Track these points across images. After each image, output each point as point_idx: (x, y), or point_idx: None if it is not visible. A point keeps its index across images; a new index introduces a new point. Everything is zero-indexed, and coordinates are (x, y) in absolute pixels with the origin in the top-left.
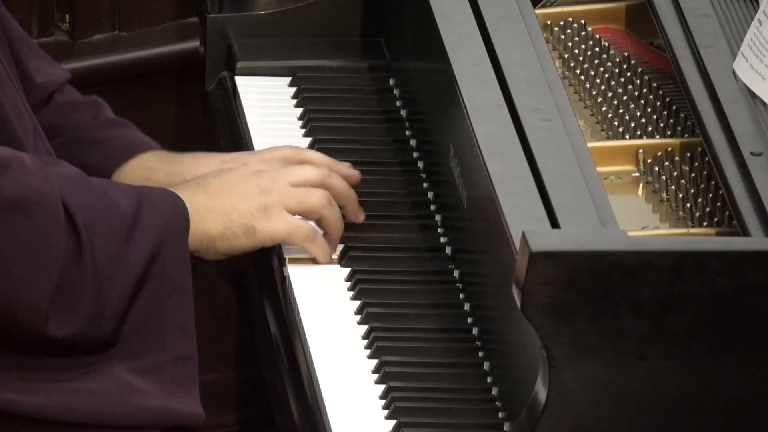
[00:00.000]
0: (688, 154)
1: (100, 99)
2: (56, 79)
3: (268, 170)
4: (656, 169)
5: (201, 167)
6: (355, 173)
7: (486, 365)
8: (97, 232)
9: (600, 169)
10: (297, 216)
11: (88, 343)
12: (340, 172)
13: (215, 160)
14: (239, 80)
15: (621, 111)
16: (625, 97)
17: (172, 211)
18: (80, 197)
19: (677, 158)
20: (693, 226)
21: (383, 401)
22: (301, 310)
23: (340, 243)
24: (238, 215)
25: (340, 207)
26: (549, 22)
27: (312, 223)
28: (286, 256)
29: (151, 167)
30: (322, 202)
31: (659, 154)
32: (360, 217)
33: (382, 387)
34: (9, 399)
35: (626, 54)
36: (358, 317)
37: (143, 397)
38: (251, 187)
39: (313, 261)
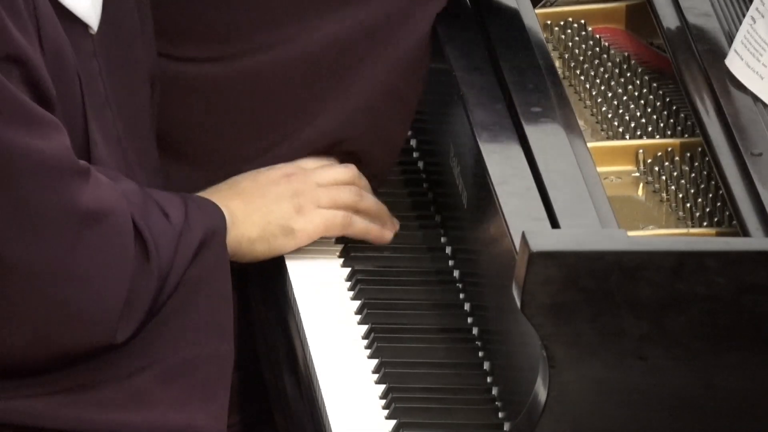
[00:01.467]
0: (688, 154)
1: None
2: None
3: (297, 172)
4: (656, 169)
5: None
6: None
7: (486, 365)
8: (159, 243)
9: (600, 169)
10: None
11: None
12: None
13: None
14: None
15: (621, 111)
16: (625, 97)
17: (212, 217)
18: (141, 208)
19: (677, 158)
20: (693, 227)
21: (383, 401)
22: (301, 310)
23: (340, 243)
24: (275, 217)
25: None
26: (549, 22)
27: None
28: (287, 257)
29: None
30: (354, 198)
31: (659, 154)
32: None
33: (382, 387)
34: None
35: (626, 54)
36: (358, 317)
37: (165, 409)
38: (283, 189)
39: (313, 261)
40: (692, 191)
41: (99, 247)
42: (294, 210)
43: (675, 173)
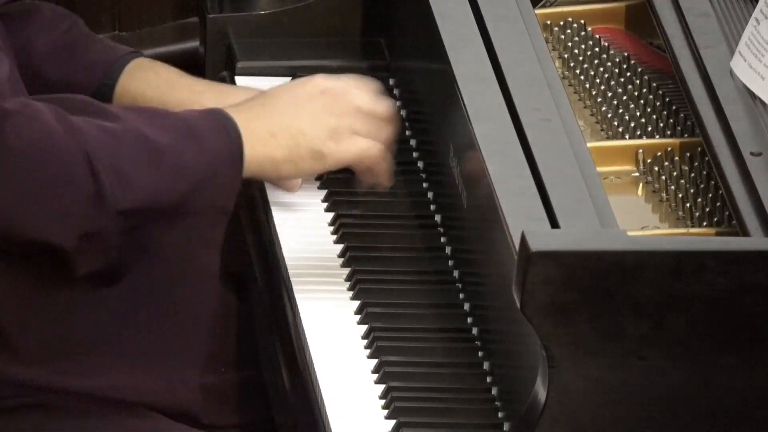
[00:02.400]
0: (688, 154)
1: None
2: None
3: (335, 89)
4: (656, 169)
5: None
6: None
7: (486, 365)
8: (127, 173)
9: (600, 169)
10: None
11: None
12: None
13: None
14: (239, 80)
15: (621, 111)
16: (624, 97)
17: (223, 140)
18: (106, 141)
19: (677, 158)
20: (693, 226)
21: (383, 401)
22: (301, 311)
23: (340, 243)
24: (305, 139)
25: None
26: (549, 22)
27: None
28: (287, 257)
29: (197, 90)
30: (389, 137)
31: (659, 154)
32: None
33: (382, 387)
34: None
35: (626, 54)
36: (358, 317)
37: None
38: (319, 106)
39: (314, 261)
40: (692, 191)
41: (34, 179)
42: (327, 134)
43: (675, 173)
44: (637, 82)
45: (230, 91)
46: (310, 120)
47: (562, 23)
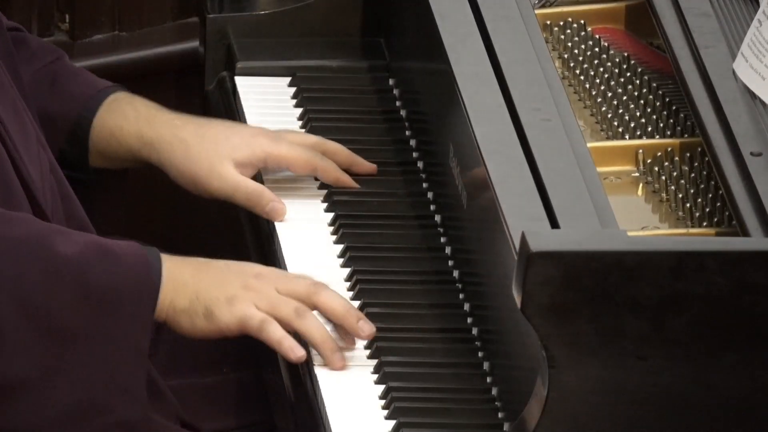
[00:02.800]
0: (688, 154)
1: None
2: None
3: (269, 276)
4: (656, 169)
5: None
6: (371, 167)
7: (486, 365)
8: (19, 273)
9: (600, 169)
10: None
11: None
12: (358, 166)
13: (247, 131)
14: (239, 80)
15: (621, 111)
16: (624, 97)
17: (139, 270)
18: (10, 240)
19: (677, 158)
20: (693, 227)
21: (383, 401)
22: None
23: (340, 243)
24: (205, 296)
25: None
26: (549, 22)
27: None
28: (286, 257)
29: (176, 125)
30: (290, 315)
31: (659, 154)
32: (363, 332)
33: (382, 387)
34: None
35: (626, 54)
36: None
37: None
38: (239, 280)
39: (313, 261)
40: (692, 191)
41: None
42: (226, 298)
43: (675, 173)
44: (637, 82)
45: (209, 124)
46: (221, 284)
47: (562, 23)
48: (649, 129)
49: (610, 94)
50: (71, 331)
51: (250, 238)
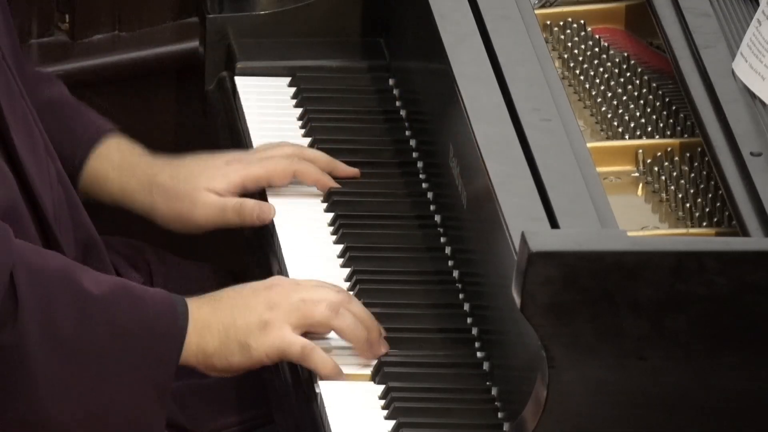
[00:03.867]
0: (688, 154)
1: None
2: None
3: (282, 284)
4: (656, 169)
5: (206, 165)
6: (354, 171)
7: (486, 365)
8: (48, 305)
9: (600, 169)
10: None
11: (29, 415)
12: (340, 170)
13: (219, 160)
14: (239, 80)
15: (620, 111)
16: (624, 97)
17: (164, 310)
18: (35, 270)
19: (677, 158)
20: (692, 227)
21: (383, 401)
22: None
23: (340, 243)
24: (236, 332)
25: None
26: (549, 22)
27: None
28: (286, 257)
29: (154, 172)
30: (327, 315)
31: (659, 154)
32: (379, 350)
33: (381, 387)
34: None
35: (626, 54)
36: None
37: None
38: (259, 301)
39: (313, 262)
40: (692, 191)
41: None
42: (258, 326)
43: (674, 173)
44: (637, 82)
45: (183, 163)
46: (245, 312)
47: (562, 23)
48: (649, 129)
49: (610, 94)
50: (98, 367)
51: (249, 237)
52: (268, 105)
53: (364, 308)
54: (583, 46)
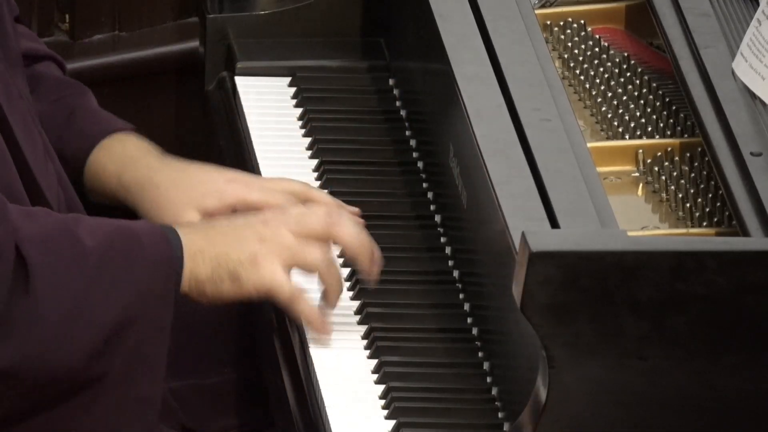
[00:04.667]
0: (688, 154)
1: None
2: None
3: (275, 218)
4: (656, 169)
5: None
6: (355, 212)
7: (486, 365)
8: (56, 269)
9: (600, 169)
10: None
11: (52, 376)
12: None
13: (221, 177)
14: (239, 80)
15: (621, 111)
16: (624, 97)
17: (160, 248)
18: (39, 235)
19: (677, 158)
20: (692, 226)
21: (383, 401)
22: None
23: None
24: (227, 260)
25: (353, 259)
26: (549, 22)
27: (298, 284)
28: None
29: (154, 171)
30: (317, 260)
31: (659, 154)
32: (373, 273)
33: (382, 387)
34: None
35: (626, 54)
36: (358, 317)
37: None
38: (250, 233)
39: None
40: (692, 191)
41: None
42: (248, 258)
43: (675, 173)
44: (637, 82)
45: (188, 169)
46: (236, 243)
47: (562, 23)
48: (649, 129)
49: (610, 94)
50: (110, 322)
51: None
52: (268, 105)
53: (354, 230)
54: (583, 46)
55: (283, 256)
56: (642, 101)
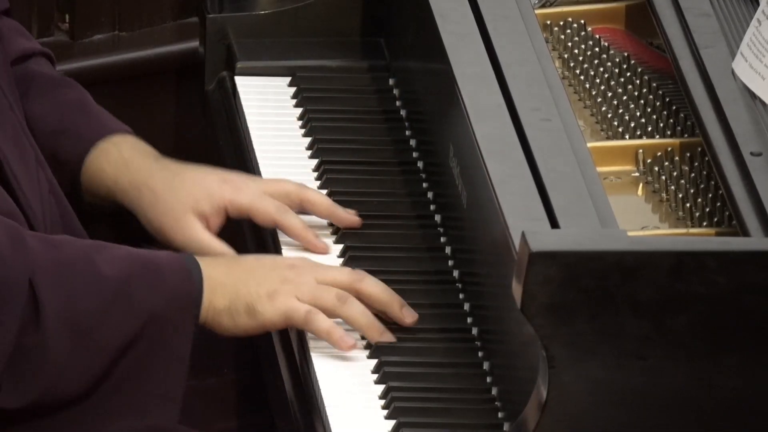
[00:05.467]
0: (688, 154)
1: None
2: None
3: (303, 265)
4: (656, 169)
5: (199, 181)
6: (355, 219)
7: (486, 365)
8: (68, 301)
9: (600, 169)
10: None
11: (55, 404)
12: (339, 217)
13: (215, 178)
14: (239, 80)
15: (621, 111)
16: (624, 97)
17: (181, 280)
18: (55, 265)
19: (677, 158)
20: (693, 226)
21: (383, 401)
22: None
23: (340, 243)
24: (246, 294)
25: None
26: (549, 22)
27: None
28: (286, 256)
29: (150, 173)
30: (333, 303)
31: (659, 154)
32: (407, 319)
33: (382, 387)
34: None
35: (626, 54)
36: None
37: None
38: (275, 274)
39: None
40: (692, 191)
41: None
42: (267, 293)
43: (675, 173)
44: (637, 82)
45: (183, 172)
46: (257, 279)
47: (562, 23)
48: (649, 129)
49: (610, 94)
50: (118, 348)
51: (249, 237)
52: (268, 105)
53: (378, 284)
54: (583, 46)
55: (301, 294)
56: (642, 101)
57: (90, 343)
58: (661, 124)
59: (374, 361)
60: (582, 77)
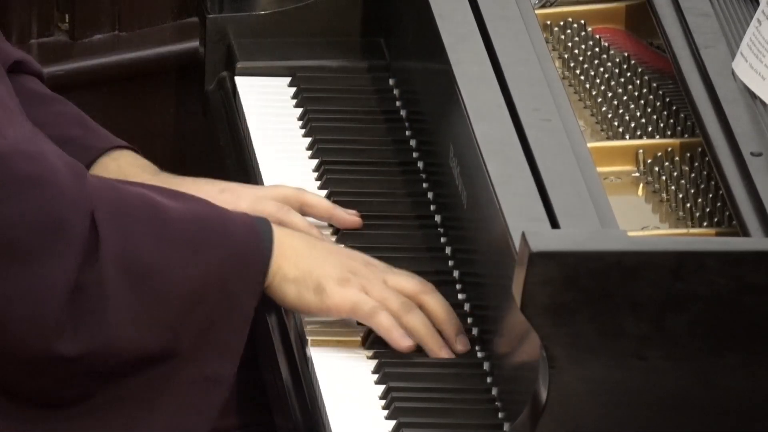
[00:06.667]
0: (688, 154)
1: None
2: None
3: (376, 265)
4: (656, 169)
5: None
6: (355, 220)
7: (486, 365)
8: (130, 238)
9: (600, 169)
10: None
11: (112, 360)
12: (339, 217)
13: (214, 188)
14: (239, 80)
15: (621, 111)
16: (625, 97)
17: (248, 235)
18: (117, 203)
19: (677, 158)
20: (693, 226)
21: (383, 401)
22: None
23: (340, 243)
24: (320, 273)
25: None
26: (549, 22)
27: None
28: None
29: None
30: (398, 309)
31: (659, 154)
32: (459, 346)
33: (382, 387)
34: None
35: (626, 54)
36: None
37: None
38: (352, 264)
39: None
40: (692, 191)
41: (38, 217)
42: (338, 277)
43: (675, 173)
44: (637, 82)
45: (180, 185)
46: (333, 263)
47: (562, 23)
48: (650, 129)
49: (610, 94)
50: (183, 300)
51: None
52: (268, 105)
53: (443, 302)
54: (583, 46)
55: (370, 291)
56: (642, 101)
57: (150, 291)
58: (662, 124)
59: (375, 362)
60: (582, 77)
